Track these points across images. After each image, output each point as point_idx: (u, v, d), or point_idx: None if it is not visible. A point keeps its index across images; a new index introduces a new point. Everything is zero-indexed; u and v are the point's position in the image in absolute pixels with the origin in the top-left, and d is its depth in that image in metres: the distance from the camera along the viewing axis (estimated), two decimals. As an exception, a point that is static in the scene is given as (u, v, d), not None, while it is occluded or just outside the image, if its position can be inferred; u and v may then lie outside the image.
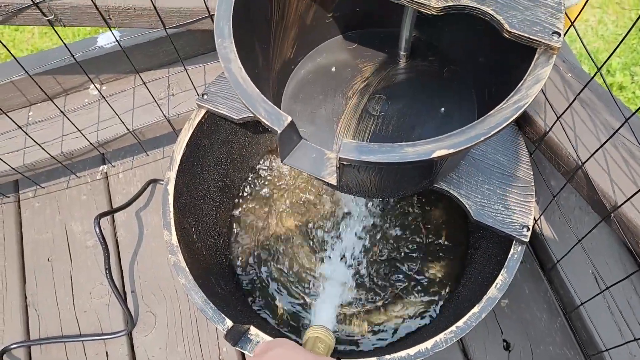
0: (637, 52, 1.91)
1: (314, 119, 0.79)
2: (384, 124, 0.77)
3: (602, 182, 0.67)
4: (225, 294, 0.85)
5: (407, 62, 0.83)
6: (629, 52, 1.91)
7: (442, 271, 0.95)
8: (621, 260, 0.83)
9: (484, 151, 0.79)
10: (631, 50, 1.91)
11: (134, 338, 0.97)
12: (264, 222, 1.01)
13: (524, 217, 0.73)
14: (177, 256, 0.76)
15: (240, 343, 0.70)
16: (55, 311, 1.00)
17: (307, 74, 0.83)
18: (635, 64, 1.90)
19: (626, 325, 0.78)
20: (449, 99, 0.78)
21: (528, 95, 0.55)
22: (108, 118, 0.99)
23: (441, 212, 1.00)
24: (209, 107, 0.84)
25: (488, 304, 0.70)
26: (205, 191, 0.92)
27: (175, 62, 1.03)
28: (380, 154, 0.53)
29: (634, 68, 1.88)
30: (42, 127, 1.00)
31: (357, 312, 0.93)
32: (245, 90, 0.58)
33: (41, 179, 1.11)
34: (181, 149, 0.83)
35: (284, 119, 0.56)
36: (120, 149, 1.09)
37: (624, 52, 1.91)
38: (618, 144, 0.69)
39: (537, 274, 0.95)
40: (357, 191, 0.73)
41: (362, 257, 0.97)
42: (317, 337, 0.61)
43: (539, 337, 0.91)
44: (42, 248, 1.06)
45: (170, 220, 0.79)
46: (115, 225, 1.07)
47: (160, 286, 1.01)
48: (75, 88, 1.02)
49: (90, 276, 1.03)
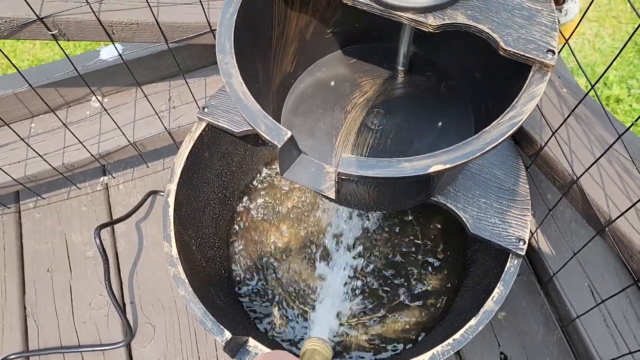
0: (634, 65, 1.93)
1: (313, 132, 0.80)
2: (382, 138, 0.78)
3: (597, 196, 0.68)
4: (224, 306, 0.86)
5: (405, 77, 0.84)
6: (626, 65, 1.93)
7: (439, 284, 0.95)
8: (617, 274, 0.84)
9: (481, 165, 0.80)
10: (628, 63, 1.93)
11: (132, 349, 0.98)
12: (263, 233, 1.02)
13: (520, 230, 0.74)
14: (177, 268, 0.77)
15: (238, 355, 0.71)
16: (54, 322, 1.00)
17: (306, 88, 0.84)
18: (632, 77, 1.91)
19: (622, 339, 0.78)
20: (446, 114, 0.80)
21: (523, 112, 0.56)
22: (109, 130, 1.00)
23: (438, 225, 1.00)
24: (210, 120, 0.85)
25: (485, 316, 0.71)
26: (205, 203, 0.93)
27: (177, 75, 1.05)
28: (379, 169, 0.54)
29: (631, 81, 1.90)
30: (43, 138, 1.01)
31: (355, 324, 0.93)
32: (246, 105, 0.59)
33: (42, 190, 1.11)
34: (182, 162, 0.84)
35: (284, 133, 0.57)
36: (121, 160, 1.10)
37: (621, 65, 1.93)
38: (612, 159, 0.70)
39: (534, 287, 0.96)
40: (356, 204, 0.74)
41: (360, 270, 0.97)
42: (315, 349, 0.61)
43: (536, 350, 0.92)
44: (42, 258, 1.06)
45: (171, 232, 0.79)
46: (115, 236, 1.08)
47: (160, 297, 1.01)
48: (77, 100, 1.04)
49: (90, 287, 1.03)
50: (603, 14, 2.04)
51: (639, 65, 1.93)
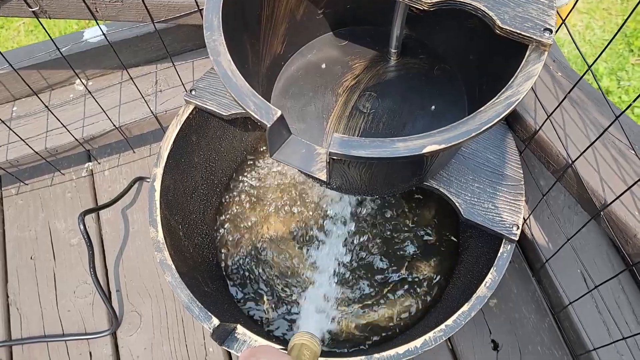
0: (624, 57, 1.93)
1: (303, 116, 0.78)
2: (375, 122, 0.77)
3: (592, 180, 0.67)
4: (212, 293, 0.84)
5: (397, 59, 0.83)
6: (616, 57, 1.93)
7: (431, 271, 0.94)
8: (609, 260, 0.83)
9: (474, 149, 0.79)
10: (618, 55, 1.93)
11: (118, 338, 0.96)
12: (252, 220, 1.00)
13: (513, 215, 0.73)
14: (164, 253, 0.75)
15: (226, 342, 0.69)
16: (37, 310, 0.98)
17: (297, 70, 0.83)
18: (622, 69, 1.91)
19: (614, 324, 0.78)
20: (440, 97, 0.78)
21: (519, 92, 0.55)
22: (94, 114, 0.97)
23: (430, 212, 0.99)
24: (197, 103, 0.83)
25: (477, 302, 0.70)
26: (192, 189, 0.91)
27: (163, 58, 1.02)
28: (371, 149, 0.53)
29: (620, 73, 1.90)
30: (26, 122, 0.99)
31: (345, 312, 0.92)
32: (235, 83, 0.58)
33: (25, 176, 1.09)
34: (168, 145, 0.82)
35: (273, 112, 0.55)
36: (106, 145, 1.08)
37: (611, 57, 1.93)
38: (608, 142, 0.69)
39: (525, 274, 0.95)
40: (347, 189, 0.73)
41: (350, 257, 0.96)
42: (303, 344, 0.59)
43: (527, 337, 0.91)
44: (25, 246, 1.04)
45: (157, 217, 0.77)
46: (101, 223, 1.05)
47: (146, 285, 0.99)
48: (60, 83, 1.01)
49: (74, 275, 1.01)
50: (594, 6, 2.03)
51: (628, 57, 1.93)
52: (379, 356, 0.67)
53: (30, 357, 0.94)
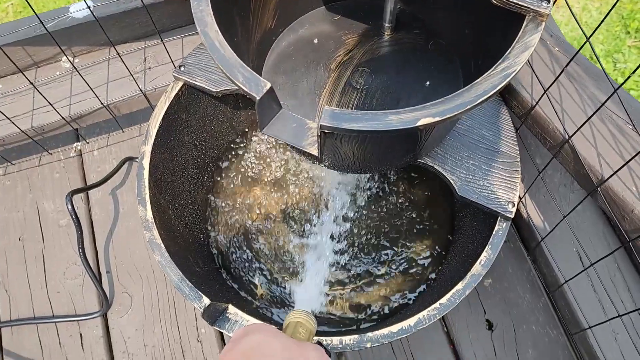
0: (620, 40, 1.91)
1: (295, 92, 0.76)
2: (368, 98, 0.75)
3: (589, 156, 0.65)
4: (203, 273, 0.83)
5: (391, 34, 0.81)
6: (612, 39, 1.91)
7: (426, 250, 0.93)
8: (605, 238, 0.83)
9: (470, 126, 0.77)
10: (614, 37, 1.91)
11: (109, 319, 0.94)
12: (243, 200, 0.99)
13: (509, 193, 0.72)
14: (153, 232, 0.73)
15: (218, 322, 0.68)
16: (26, 292, 0.97)
17: (288, 46, 0.80)
18: (618, 51, 1.89)
19: (610, 303, 0.77)
20: (434, 73, 0.76)
21: (516, 63, 0.53)
22: (81, 92, 0.95)
23: (424, 191, 0.98)
24: (187, 79, 0.81)
25: (472, 280, 0.69)
26: (182, 168, 0.89)
27: (152, 34, 0.99)
28: (364, 122, 0.51)
29: (617, 55, 1.88)
30: (12, 100, 0.96)
31: (339, 292, 0.91)
32: (223, 54, 0.56)
33: (12, 156, 1.06)
34: (157, 123, 0.80)
35: (262, 85, 0.54)
36: (95, 125, 1.05)
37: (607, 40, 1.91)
38: (605, 117, 0.68)
39: (520, 254, 0.94)
40: (339, 166, 0.71)
41: (344, 237, 0.95)
42: (298, 322, 0.58)
43: (521, 317, 0.90)
44: (13, 227, 1.02)
45: (146, 195, 0.76)
46: (90, 204, 1.04)
47: (137, 266, 0.98)
48: (46, 60, 0.98)
49: (64, 256, 0.99)
50: (591, -13, 2.01)
51: (625, 39, 1.91)
52: (372, 335, 0.66)
53: (19, 338, 0.93)
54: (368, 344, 0.66)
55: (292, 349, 0.48)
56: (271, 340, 0.48)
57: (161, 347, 0.92)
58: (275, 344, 0.48)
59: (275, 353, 0.46)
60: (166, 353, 0.91)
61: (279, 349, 0.47)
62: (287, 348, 0.47)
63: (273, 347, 0.47)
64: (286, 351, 0.47)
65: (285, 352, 0.47)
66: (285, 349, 0.47)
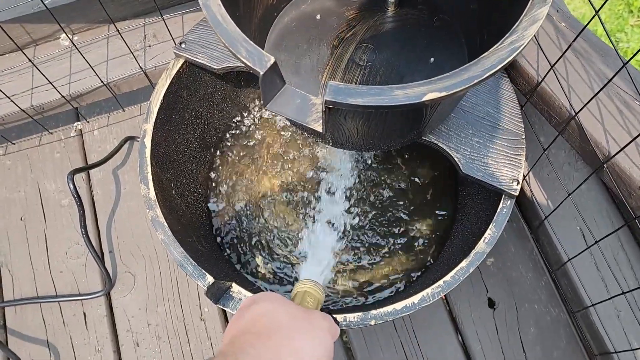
0: (623, 19, 1.88)
1: (297, 69, 0.75)
2: (371, 75, 0.74)
3: (596, 132, 0.65)
4: (206, 251, 0.83)
5: (395, 10, 0.79)
6: (615, 18, 1.89)
7: (429, 229, 0.93)
8: (609, 217, 0.82)
9: (474, 103, 0.76)
10: (617, 16, 1.89)
11: (112, 299, 0.95)
12: (246, 179, 0.98)
13: (513, 170, 0.72)
14: (155, 211, 0.73)
15: (221, 301, 0.68)
16: (29, 272, 0.97)
17: (290, 22, 0.79)
18: (621, 31, 1.87)
19: (614, 280, 0.77)
20: (439, 49, 0.75)
21: (524, 37, 0.52)
22: (81, 70, 0.94)
23: (428, 169, 0.97)
24: (188, 57, 0.80)
25: (476, 258, 0.68)
26: (184, 146, 0.88)
27: (152, 11, 0.98)
28: (369, 97, 0.50)
29: (619, 34, 1.86)
30: (10, 79, 0.95)
31: (343, 270, 0.91)
32: (225, 28, 0.55)
33: (12, 136, 1.06)
34: (158, 101, 0.79)
35: (266, 59, 0.53)
36: (95, 104, 1.04)
37: (610, 18, 1.88)
38: (612, 93, 0.67)
39: (523, 233, 0.94)
40: (343, 143, 0.71)
41: (348, 216, 0.95)
42: (306, 292, 0.58)
43: (523, 295, 0.91)
44: (15, 207, 1.02)
45: (148, 174, 0.75)
46: (91, 183, 1.03)
47: (139, 246, 0.98)
48: (45, 38, 0.97)
49: (66, 236, 0.99)
50: (594, -37, 1.98)
51: (628, 18, 1.89)
52: (376, 312, 0.66)
53: (23, 318, 0.94)
54: (372, 321, 0.66)
55: (299, 317, 0.47)
56: (279, 307, 0.48)
57: (164, 326, 0.92)
58: (282, 312, 0.47)
59: (282, 320, 0.46)
60: (170, 332, 0.91)
61: (286, 316, 0.47)
62: (294, 316, 0.47)
63: (280, 314, 0.47)
64: (294, 319, 0.47)
65: (293, 319, 0.47)
66: (292, 316, 0.47)
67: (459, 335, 0.89)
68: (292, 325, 0.46)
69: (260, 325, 0.45)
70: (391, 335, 0.89)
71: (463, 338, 0.89)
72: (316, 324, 0.48)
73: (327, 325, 0.49)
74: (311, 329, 0.47)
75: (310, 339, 0.46)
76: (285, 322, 0.46)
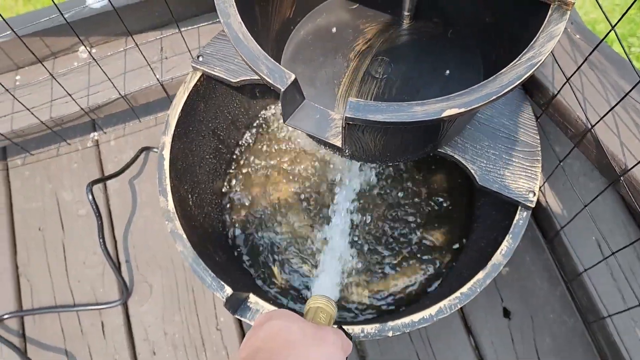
0: (635, 23, 1.88)
1: (314, 81, 0.76)
2: (387, 87, 0.75)
3: (612, 145, 0.65)
4: (223, 263, 0.84)
5: (410, 23, 0.80)
6: (627, 22, 1.88)
7: (444, 239, 0.93)
8: (625, 227, 0.82)
9: (490, 115, 0.77)
10: (629, 20, 1.88)
11: (129, 308, 0.96)
12: (261, 189, 0.99)
13: (530, 182, 0.72)
14: (175, 223, 0.74)
15: (239, 311, 0.69)
16: (47, 281, 0.98)
17: (306, 35, 0.80)
18: (633, 35, 1.87)
19: (631, 291, 0.77)
20: (454, 62, 0.76)
21: (541, 53, 0.53)
22: (99, 82, 0.95)
23: (442, 179, 0.98)
24: (205, 70, 0.81)
25: (492, 270, 0.69)
26: (200, 157, 0.89)
27: (169, 23, 0.99)
28: (389, 113, 0.51)
29: (631, 39, 1.85)
30: (30, 91, 0.97)
31: (357, 280, 0.91)
32: (247, 46, 0.56)
33: (30, 146, 1.07)
34: (176, 113, 0.80)
35: (287, 76, 0.54)
36: (112, 115, 1.06)
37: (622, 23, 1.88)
38: (628, 106, 0.67)
39: (538, 243, 0.94)
40: (360, 156, 0.71)
41: (362, 225, 0.95)
42: (319, 307, 0.59)
43: (538, 305, 0.91)
44: (33, 217, 1.03)
45: (167, 186, 0.76)
46: (108, 194, 1.05)
47: (156, 256, 0.99)
48: (63, 51, 0.98)
49: (83, 246, 1.00)
50: (605, -30, 1.98)
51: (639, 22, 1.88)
52: (394, 324, 0.66)
53: (42, 327, 0.95)
54: (390, 332, 0.66)
55: (311, 334, 0.49)
56: (291, 325, 0.49)
57: (181, 335, 0.93)
58: (295, 329, 0.49)
59: (295, 338, 0.48)
60: (186, 341, 0.92)
61: (298, 334, 0.48)
62: (306, 333, 0.48)
63: (293, 332, 0.48)
64: (306, 336, 0.48)
65: (305, 336, 0.48)
66: (305, 334, 0.48)
67: (474, 345, 0.89)
68: (304, 342, 0.47)
69: (274, 343, 0.47)
70: (406, 344, 0.89)
71: (478, 348, 0.89)
72: (328, 340, 0.49)
73: (339, 341, 0.50)
74: (323, 346, 0.48)
75: (323, 356, 0.47)
76: (297, 339, 0.47)
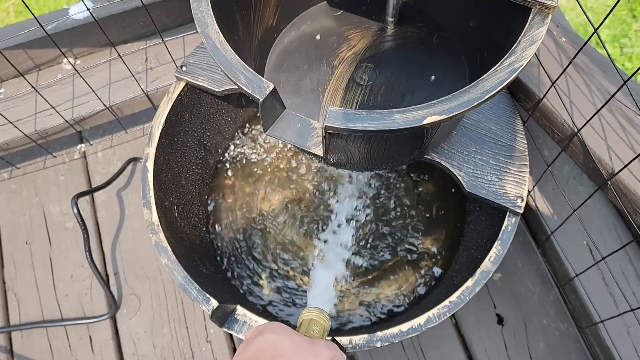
0: (627, 24, 1.88)
1: (298, 89, 0.75)
2: (372, 94, 0.74)
3: (599, 149, 0.64)
4: (210, 274, 0.83)
5: (395, 29, 0.79)
6: (618, 23, 1.88)
7: (434, 246, 0.93)
8: (616, 231, 0.81)
9: (476, 120, 0.76)
10: (620, 22, 1.88)
11: (118, 321, 0.94)
12: (248, 199, 0.98)
13: (517, 187, 0.71)
14: (159, 235, 0.73)
15: (226, 324, 0.68)
16: (35, 295, 0.97)
17: (290, 42, 0.79)
18: (625, 36, 1.87)
19: (622, 296, 0.76)
20: (440, 67, 0.75)
21: (523, 57, 0.52)
22: (83, 94, 0.94)
23: (432, 185, 0.97)
24: (189, 80, 0.80)
25: (482, 277, 0.68)
26: (186, 168, 0.88)
27: (153, 34, 0.99)
28: (369, 122, 0.50)
29: (623, 40, 1.85)
30: (14, 104, 0.96)
31: (348, 289, 0.90)
32: (224, 56, 0.55)
33: (16, 160, 1.06)
34: (160, 124, 0.79)
35: (265, 86, 0.53)
36: (98, 126, 1.05)
37: (613, 24, 1.88)
38: (615, 109, 0.67)
39: (530, 248, 0.93)
40: (345, 164, 0.70)
41: (352, 234, 0.94)
42: (312, 320, 0.58)
43: (532, 311, 0.90)
44: (20, 231, 1.02)
45: (151, 198, 0.75)
46: (95, 206, 1.03)
47: (144, 268, 0.98)
48: (47, 63, 0.97)
49: (71, 259, 0.99)
50: (596, -29, 1.98)
51: (631, 23, 1.88)
52: (382, 334, 0.65)
53: (29, 342, 0.93)
54: (378, 343, 0.65)
55: (303, 347, 0.48)
56: (283, 339, 0.48)
57: (170, 348, 0.92)
58: (287, 343, 0.48)
59: (287, 352, 0.47)
60: (176, 354, 0.91)
61: (290, 347, 0.47)
62: (298, 346, 0.48)
63: (285, 346, 0.47)
64: (298, 349, 0.47)
65: (297, 350, 0.47)
66: (297, 347, 0.48)
67: (467, 353, 0.88)
68: (296, 355, 0.46)
69: (265, 358, 0.45)
70: (398, 354, 0.88)
71: (472, 355, 0.88)
72: (320, 353, 0.48)
73: (331, 354, 0.49)
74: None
75: None
76: (290, 353, 0.46)
